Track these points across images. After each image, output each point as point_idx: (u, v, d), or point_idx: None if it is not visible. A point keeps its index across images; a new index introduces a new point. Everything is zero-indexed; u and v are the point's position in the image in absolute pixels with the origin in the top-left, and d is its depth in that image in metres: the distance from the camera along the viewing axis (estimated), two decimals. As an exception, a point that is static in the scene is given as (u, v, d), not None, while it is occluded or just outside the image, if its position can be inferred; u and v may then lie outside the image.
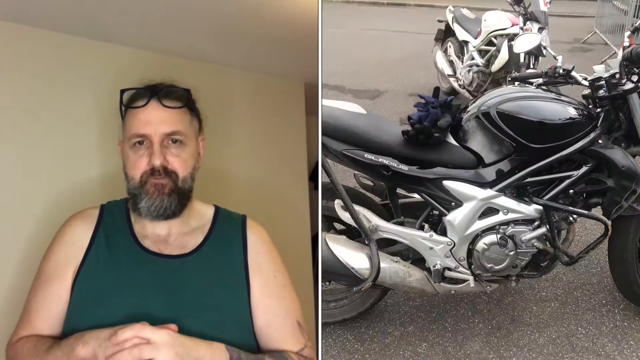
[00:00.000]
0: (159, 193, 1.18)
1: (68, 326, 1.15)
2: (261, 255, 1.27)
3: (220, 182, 1.73)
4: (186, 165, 1.22)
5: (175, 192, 1.19)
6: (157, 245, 1.21)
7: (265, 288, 1.24)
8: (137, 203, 1.19)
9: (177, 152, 1.20)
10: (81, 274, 1.17)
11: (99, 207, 1.27)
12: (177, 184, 1.20)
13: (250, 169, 1.87)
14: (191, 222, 1.26)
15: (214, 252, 1.23)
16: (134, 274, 1.16)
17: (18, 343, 1.14)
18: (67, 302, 1.16)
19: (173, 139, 1.20)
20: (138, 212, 1.20)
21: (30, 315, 1.17)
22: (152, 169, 1.17)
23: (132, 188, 1.20)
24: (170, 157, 1.19)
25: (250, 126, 1.90)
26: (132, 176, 1.20)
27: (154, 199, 1.18)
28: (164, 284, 1.16)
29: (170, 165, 1.19)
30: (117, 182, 1.26)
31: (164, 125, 1.19)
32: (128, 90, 1.23)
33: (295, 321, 1.25)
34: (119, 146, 1.27)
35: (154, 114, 1.19)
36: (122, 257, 1.19)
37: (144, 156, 1.18)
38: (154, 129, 1.18)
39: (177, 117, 1.22)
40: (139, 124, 1.19)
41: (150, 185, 1.18)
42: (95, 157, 1.54)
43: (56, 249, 1.21)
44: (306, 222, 1.99)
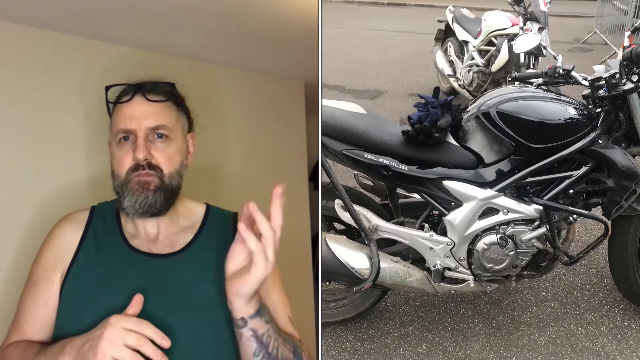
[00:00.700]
0: (143, 189, 1.15)
1: (58, 330, 1.13)
2: None
3: (220, 182, 1.73)
4: (172, 161, 1.19)
5: (161, 189, 1.17)
6: (147, 244, 1.20)
7: None
8: (122, 202, 1.17)
9: (162, 146, 1.18)
10: (70, 276, 1.16)
11: (89, 209, 1.26)
12: (163, 180, 1.17)
13: (250, 168, 1.87)
14: (181, 221, 1.25)
15: (204, 249, 1.22)
16: (123, 275, 1.15)
17: (8, 349, 1.13)
18: (54, 306, 1.14)
19: (158, 133, 1.18)
20: (124, 210, 1.18)
21: (19, 320, 1.16)
22: (136, 164, 1.15)
23: (117, 186, 1.18)
24: (154, 152, 1.17)
25: (250, 126, 1.90)
26: (118, 173, 1.18)
27: (137, 196, 1.15)
28: (153, 283, 1.14)
29: (155, 160, 1.16)
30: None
31: (149, 119, 1.18)
32: (113, 86, 1.22)
33: (286, 316, 1.24)
34: (108, 146, 1.25)
35: (138, 108, 1.18)
36: (110, 258, 1.17)
37: (129, 152, 1.16)
38: (138, 123, 1.17)
39: (162, 112, 1.20)
40: (124, 119, 1.18)
41: (134, 183, 1.15)
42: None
43: (45, 252, 1.19)
44: (306, 222, 1.99)
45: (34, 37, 1.48)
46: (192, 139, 1.28)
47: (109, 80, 1.31)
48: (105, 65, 1.55)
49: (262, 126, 1.92)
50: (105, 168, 1.46)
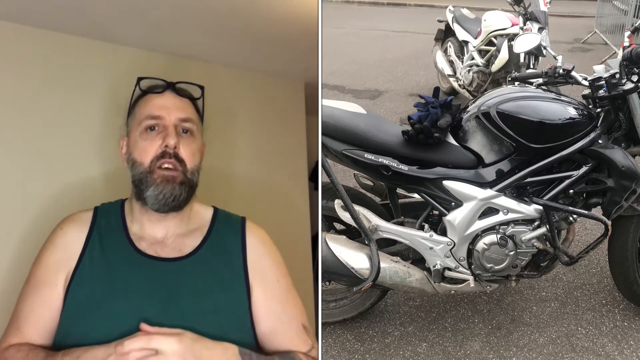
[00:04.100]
0: (169, 182, 1.16)
1: (62, 333, 1.11)
2: (263, 258, 1.25)
3: (220, 182, 1.73)
4: (194, 157, 1.21)
5: (185, 184, 1.18)
6: (154, 247, 1.19)
7: (268, 293, 1.22)
8: (142, 191, 1.16)
9: (188, 141, 1.21)
10: (75, 279, 1.14)
11: (92, 210, 1.24)
12: (186, 175, 1.18)
13: (250, 168, 1.87)
14: (189, 224, 1.24)
15: (212, 254, 1.21)
16: (130, 278, 1.14)
17: (8, 351, 1.10)
18: (58, 309, 1.13)
19: (185, 128, 1.21)
20: (143, 201, 1.17)
21: (19, 321, 1.14)
22: (164, 152, 1.16)
23: (138, 174, 1.17)
24: (181, 145, 1.19)
25: (250, 126, 1.90)
26: (142, 161, 1.17)
27: (162, 187, 1.15)
28: (161, 287, 1.13)
29: (181, 153, 1.18)
30: (117, 181, 1.26)
31: (179, 111, 1.21)
32: (145, 78, 1.24)
33: (300, 325, 1.24)
34: (120, 141, 1.25)
35: (170, 100, 1.22)
36: (117, 260, 1.16)
37: (156, 139, 1.17)
38: (169, 112, 1.19)
39: (190, 108, 1.25)
40: (154, 107, 1.20)
41: (158, 176, 1.16)
42: (95, 157, 1.53)
43: (47, 253, 1.18)
44: (306, 222, 1.99)
45: (34, 37, 1.48)
46: (203, 146, 1.29)
47: (109, 80, 1.31)
48: (104, 65, 1.56)
49: (262, 126, 1.93)
50: (104, 169, 1.46)
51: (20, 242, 1.40)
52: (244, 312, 1.19)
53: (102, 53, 1.56)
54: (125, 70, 1.44)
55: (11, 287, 1.28)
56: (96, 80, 1.53)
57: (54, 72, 1.50)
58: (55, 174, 1.48)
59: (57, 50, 1.51)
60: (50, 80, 1.49)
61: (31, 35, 1.47)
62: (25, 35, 1.46)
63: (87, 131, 1.53)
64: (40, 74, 1.48)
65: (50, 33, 1.49)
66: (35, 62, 1.48)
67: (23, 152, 1.45)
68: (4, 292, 1.34)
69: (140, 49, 1.62)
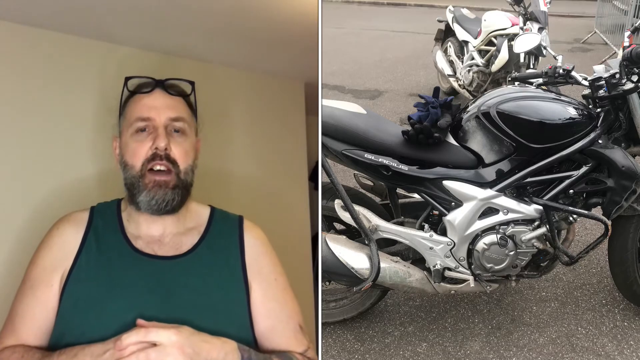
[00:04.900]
0: (161, 187, 1.15)
1: (58, 333, 1.11)
2: (261, 257, 1.25)
3: (220, 182, 1.73)
4: (187, 157, 1.20)
5: (179, 187, 1.17)
6: (151, 246, 1.18)
7: (266, 292, 1.22)
8: (134, 196, 1.16)
9: (179, 140, 1.19)
10: (72, 278, 1.13)
11: (88, 210, 1.23)
12: (179, 176, 1.17)
13: (250, 168, 1.87)
14: (186, 222, 1.24)
15: (210, 252, 1.21)
16: (127, 277, 1.13)
17: (3, 353, 1.09)
18: (54, 310, 1.12)
19: (176, 127, 1.19)
20: (136, 205, 1.16)
21: (14, 322, 1.13)
22: (154, 154, 1.15)
23: (130, 177, 1.16)
24: (173, 145, 1.17)
25: (250, 126, 1.90)
26: (132, 164, 1.16)
27: (154, 192, 1.14)
28: (158, 286, 1.13)
29: (173, 153, 1.17)
30: (112, 181, 1.25)
31: (170, 110, 1.19)
32: (133, 78, 1.23)
33: (297, 324, 1.24)
34: (113, 142, 1.25)
35: (159, 99, 1.20)
36: (114, 259, 1.15)
37: (146, 141, 1.16)
38: (159, 113, 1.17)
39: (181, 106, 1.22)
40: (143, 108, 1.18)
41: (149, 181, 1.15)
42: (89, 156, 1.53)
43: (42, 254, 1.17)
44: (306, 222, 1.99)
45: (33, 37, 1.48)
46: (198, 143, 1.29)
47: (109, 80, 1.31)
48: (103, 65, 1.56)
49: (262, 126, 1.93)
50: (100, 168, 1.46)
51: (16, 241, 1.39)
52: (243, 311, 1.19)
53: (100, 53, 1.56)
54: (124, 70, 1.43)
55: (7, 288, 1.27)
56: (95, 80, 1.53)
57: (53, 72, 1.50)
58: (52, 173, 1.48)
59: (57, 50, 1.51)
60: (48, 79, 1.49)
61: (30, 35, 1.47)
62: (24, 35, 1.46)
63: (84, 131, 1.53)
64: (40, 74, 1.48)
65: (49, 33, 1.49)
66: (34, 61, 1.48)
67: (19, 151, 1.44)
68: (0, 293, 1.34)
69: (140, 49, 1.62)
